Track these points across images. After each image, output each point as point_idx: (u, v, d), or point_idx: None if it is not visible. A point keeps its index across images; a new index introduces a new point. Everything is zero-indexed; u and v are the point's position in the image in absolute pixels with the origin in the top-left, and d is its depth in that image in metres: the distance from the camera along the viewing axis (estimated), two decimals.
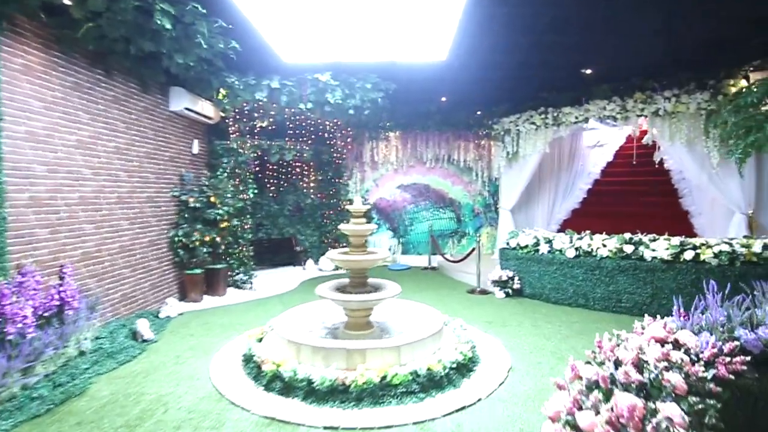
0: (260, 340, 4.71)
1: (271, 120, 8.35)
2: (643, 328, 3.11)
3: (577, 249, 6.47)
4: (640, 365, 2.54)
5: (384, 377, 3.56)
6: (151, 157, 6.27)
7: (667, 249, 5.80)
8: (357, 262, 4.47)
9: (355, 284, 4.62)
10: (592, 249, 6.35)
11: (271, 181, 9.96)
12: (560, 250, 6.65)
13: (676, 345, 2.81)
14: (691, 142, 6.86)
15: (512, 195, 9.52)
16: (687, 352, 2.65)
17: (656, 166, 8.71)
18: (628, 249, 6.05)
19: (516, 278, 7.13)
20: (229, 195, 7.62)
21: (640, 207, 9.18)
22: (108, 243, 5.36)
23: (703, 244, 5.71)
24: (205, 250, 7.03)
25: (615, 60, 6.62)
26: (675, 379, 2.25)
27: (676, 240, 5.87)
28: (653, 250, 5.91)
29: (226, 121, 8.13)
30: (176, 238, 6.72)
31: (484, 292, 7.46)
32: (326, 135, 9.95)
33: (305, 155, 9.36)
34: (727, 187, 6.74)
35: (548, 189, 9.82)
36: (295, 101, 7.18)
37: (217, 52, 5.79)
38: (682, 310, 3.45)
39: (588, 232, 6.71)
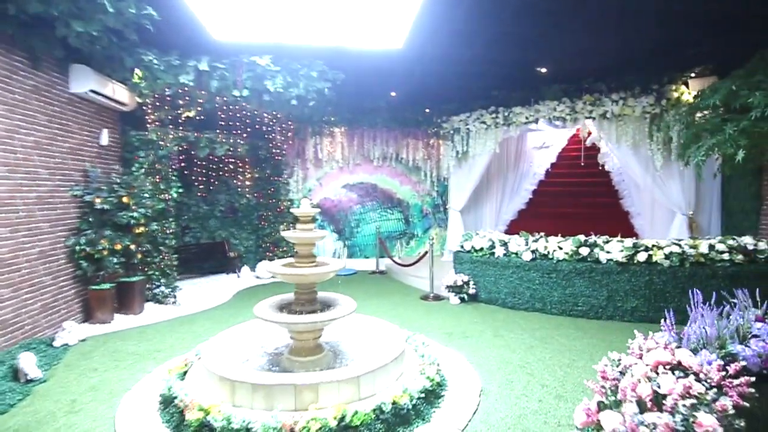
0: (184, 374, 3.84)
1: (199, 109, 7.31)
2: (641, 350, 2.77)
3: (533, 252, 6.25)
4: (657, 401, 2.16)
5: (342, 418, 2.92)
6: (43, 149, 5.09)
7: (622, 251, 5.72)
8: (304, 276, 3.77)
9: (301, 301, 3.92)
10: (548, 252, 6.16)
11: (200, 178, 8.85)
12: (516, 253, 6.40)
13: (679, 368, 2.49)
14: (637, 145, 6.93)
15: (462, 195, 9.27)
16: (696, 377, 2.35)
17: (600, 168, 8.90)
18: (584, 251, 5.91)
19: (471, 283, 6.79)
20: (146, 194, 6.54)
21: (582, 208, 9.32)
22: None
23: (654, 246, 5.69)
24: (115, 260, 5.92)
25: (568, 60, 6.50)
26: (708, 421, 1.86)
27: (629, 242, 5.81)
28: (608, 252, 5.81)
29: (144, 108, 6.98)
30: (78, 247, 5.55)
31: (438, 297, 7.04)
32: (264, 128, 9.03)
33: (239, 150, 8.39)
34: (669, 189, 6.89)
35: (496, 190, 9.71)
36: (228, 87, 6.25)
37: (129, 21, 4.77)
38: (671, 323, 3.16)
39: (542, 234, 6.53)
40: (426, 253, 7.53)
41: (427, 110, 9.47)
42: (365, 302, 6.87)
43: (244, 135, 8.62)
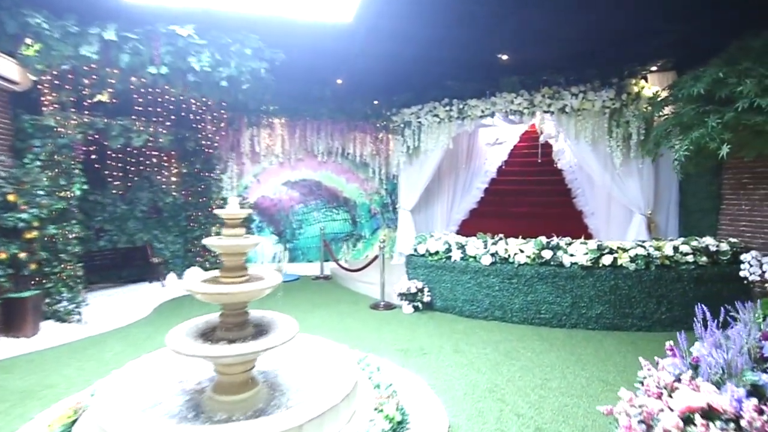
0: (71, 425, 2.92)
1: (111, 91, 6.13)
2: (658, 387, 2.30)
3: (493, 255, 5.81)
4: None
5: None
6: None
7: (586, 254, 5.43)
8: (232, 295, 2.97)
9: (228, 325, 3.11)
10: (509, 255, 5.75)
11: (116, 174, 7.58)
12: (475, 257, 5.94)
13: (711, 413, 2.03)
14: (596, 141, 6.74)
15: (413, 194, 8.74)
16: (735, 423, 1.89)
17: (554, 165, 8.74)
18: (547, 254, 5.56)
19: (426, 290, 6.24)
20: (42, 192, 5.37)
21: (535, 207, 9.14)
22: None
23: (619, 248, 5.45)
24: (0, 272, 4.79)
25: (529, 46, 6.11)
26: None
27: (593, 244, 5.54)
28: (572, 255, 5.50)
29: (41, 88, 5.73)
30: None
31: (389, 306, 6.43)
32: (192, 116, 7.93)
33: (162, 141, 7.24)
34: (628, 187, 6.76)
35: (447, 188, 9.30)
36: (143, 64, 5.19)
37: None
38: (681, 347, 2.75)
39: (502, 235, 6.12)
40: (376, 257, 6.89)
41: (376, 102, 8.83)
42: (309, 313, 6.11)
43: (167, 123, 7.46)
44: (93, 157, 6.98)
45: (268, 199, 9.17)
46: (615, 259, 5.34)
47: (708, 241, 5.51)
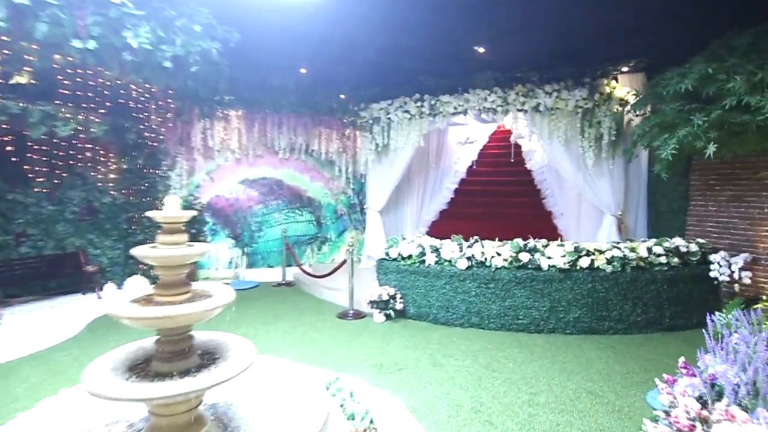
0: None
1: (28, 70, 5.21)
2: (689, 415, 1.95)
3: (469, 259, 5.45)
4: None
5: None
6: None
7: (564, 256, 5.17)
8: (170, 319, 2.36)
9: (167, 355, 2.50)
10: (485, 258, 5.40)
11: (39, 169, 6.58)
12: (450, 261, 5.55)
13: None
14: (568, 141, 6.55)
15: (381, 194, 8.27)
16: None
17: (524, 166, 8.56)
18: (524, 257, 5.26)
19: (398, 296, 5.79)
20: None
21: (505, 208, 8.92)
22: None
23: (596, 250, 5.24)
24: None
25: (505, 40, 5.78)
26: None
27: (569, 246, 5.29)
28: (549, 258, 5.23)
29: None
30: None
31: (359, 315, 5.93)
32: (132, 104, 7.04)
33: (95, 131, 6.33)
34: (599, 188, 6.62)
35: (417, 188, 8.92)
36: (66, 37, 4.36)
37: None
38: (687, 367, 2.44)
39: (477, 237, 5.77)
40: (344, 261, 6.37)
41: (343, 96, 8.29)
42: (270, 326, 5.50)
43: (102, 111, 6.54)
44: (9, 149, 5.97)
45: (223, 199, 8.40)
46: (592, 261, 5.12)
47: (678, 242, 5.42)
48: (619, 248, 5.24)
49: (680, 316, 5.18)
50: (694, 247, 5.34)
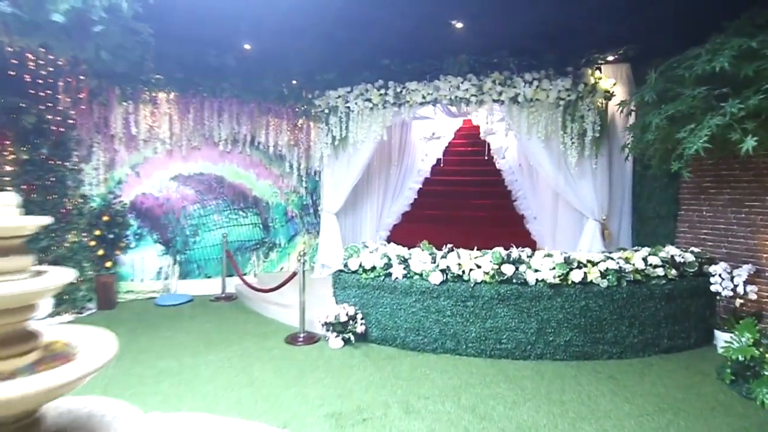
0: None
1: None
2: None
3: (443, 272, 4.62)
4: None
5: None
6: None
7: (553, 269, 4.46)
8: None
9: None
10: (463, 271, 4.60)
11: None
12: (421, 274, 4.70)
13: None
14: (549, 137, 5.91)
15: (338, 194, 7.30)
16: None
17: (494, 165, 7.93)
18: (508, 270, 4.50)
19: (359, 316, 4.87)
20: None
21: (473, 210, 8.23)
22: None
23: (589, 261, 4.57)
24: None
25: (485, 15, 4.99)
26: None
27: (559, 257, 4.59)
28: (536, 271, 4.50)
29: None
30: None
31: (311, 338, 4.96)
32: (28, 78, 5.66)
33: None
34: (582, 189, 6.03)
35: (377, 188, 8.03)
36: None
37: None
38: None
39: (451, 246, 4.96)
40: (294, 273, 5.36)
41: (295, 81, 7.24)
42: (198, 359, 4.40)
43: None
44: None
45: (151, 197, 7.09)
46: (585, 274, 4.45)
47: (672, 251, 4.90)
48: (612, 259, 4.61)
49: (678, 336, 4.62)
50: (690, 257, 4.82)
